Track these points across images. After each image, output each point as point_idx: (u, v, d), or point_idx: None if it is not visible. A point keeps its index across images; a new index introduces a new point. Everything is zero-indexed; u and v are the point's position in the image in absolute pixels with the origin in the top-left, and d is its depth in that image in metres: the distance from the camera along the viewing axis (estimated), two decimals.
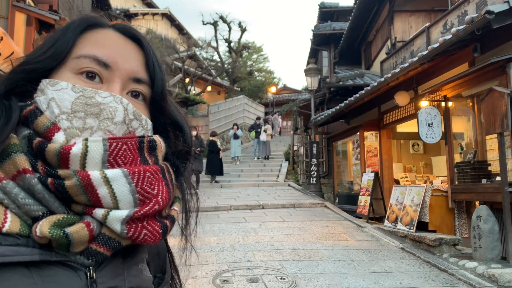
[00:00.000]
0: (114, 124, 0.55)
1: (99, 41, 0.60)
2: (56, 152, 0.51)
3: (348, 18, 13.81)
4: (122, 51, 0.61)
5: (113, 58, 0.59)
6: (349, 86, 11.44)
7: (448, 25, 7.27)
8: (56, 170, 0.51)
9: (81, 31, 0.61)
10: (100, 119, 0.54)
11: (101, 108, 0.55)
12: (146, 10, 24.53)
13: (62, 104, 0.54)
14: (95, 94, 0.55)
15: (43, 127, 0.53)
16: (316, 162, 11.52)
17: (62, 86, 0.55)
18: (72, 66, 0.58)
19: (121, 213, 0.52)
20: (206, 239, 5.85)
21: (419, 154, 9.47)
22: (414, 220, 6.15)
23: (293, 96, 30.75)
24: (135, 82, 0.61)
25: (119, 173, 0.52)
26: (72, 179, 0.50)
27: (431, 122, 6.34)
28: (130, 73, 0.60)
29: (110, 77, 0.58)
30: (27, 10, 7.73)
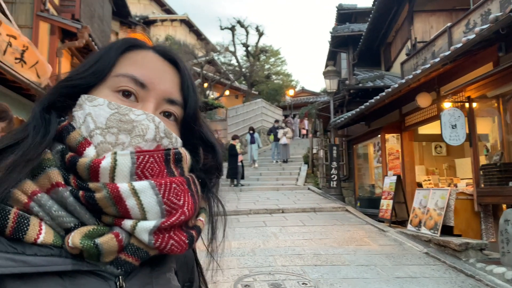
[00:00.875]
0: (145, 141, 0.57)
1: (138, 62, 0.63)
2: (86, 166, 0.53)
3: (366, 19, 13.67)
4: (159, 72, 0.63)
5: (150, 79, 0.61)
6: (368, 88, 11.30)
7: (471, 24, 7.11)
8: (87, 183, 0.53)
9: (122, 51, 0.63)
10: (132, 136, 0.56)
11: (134, 125, 0.57)
12: (165, 16, 24.92)
13: (97, 120, 0.56)
14: (129, 111, 0.58)
15: (75, 142, 0.55)
16: (336, 165, 11.42)
17: (99, 102, 0.58)
18: (111, 84, 0.60)
19: (149, 223, 0.53)
20: (226, 244, 5.81)
21: (442, 157, 9.28)
22: (438, 224, 6.01)
23: (312, 98, 30.58)
24: (168, 103, 0.63)
25: (146, 185, 0.54)
26: (102, 192, 0.52)
27: (455, 123, 6.19)
28: (164, 94, 0.63)
29: (145, 97, 0.61)
30: (51, 20, 7.94)
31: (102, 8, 12.24)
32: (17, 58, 4.94)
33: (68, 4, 9.42)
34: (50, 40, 8.04)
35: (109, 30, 13.98)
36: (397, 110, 8.97)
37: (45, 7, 7.99)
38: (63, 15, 8.93)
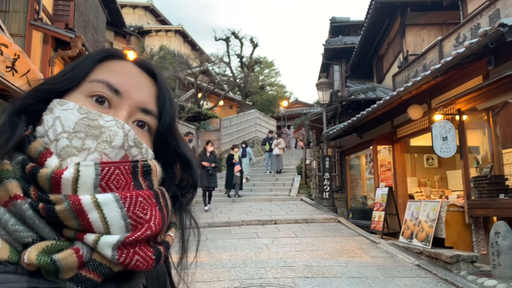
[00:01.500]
0: (111, 147, 0.55)
1: (115, 70, 0.63)
2: (48, 176, 0.51)
3: (359, 32, 13.84)
4: (135, 81, 0.63)
5: (125, 86, 0.61)
6: (361, 99, 11.39)
7: (461, 38, 7.23)
8: (47, 195, 0.51)
9: (100, 59, 0.64)
10: (98, 141, 0.55)
11: (102, 131, 0.55)
12: (160, 27, 25.01)
13: (65, 123, 0.55)
14: (98, 117, 0.56)
15: (36, 152, 0.54)
16: (329, 176, 11.43)
17: (70, 106, 0.57)
18: (85, 89, 0.60)
19: (112, 238, 0.51)
20: (217, 255, 5.80)
21: (433, 168, 9.33)
22: (430, 236, 6.01)
23: (305, 109, 30.74)
24: (142, 112, 0.62)
25: (110, 198, 0.52)
26: (63, 204, 0.50)
27: (446, 135, 6.24)
28: (139, 103, 0.62)
29: (119, 104, 0.60)
30: (44, 29, 7.93)
31: (96, 18, 12.26)
32: (8, 67, 4.91)
33: (62, 13, 9.43)
34: (43, 49, 8.03)
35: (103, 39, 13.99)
36: (389, 122, 9.04)
37: (38, 16, 7.99)
38: (56, 24, 8.93)
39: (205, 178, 9.57)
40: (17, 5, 7.96)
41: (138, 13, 24.67)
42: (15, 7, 7.90)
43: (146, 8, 25.13)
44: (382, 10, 11.07)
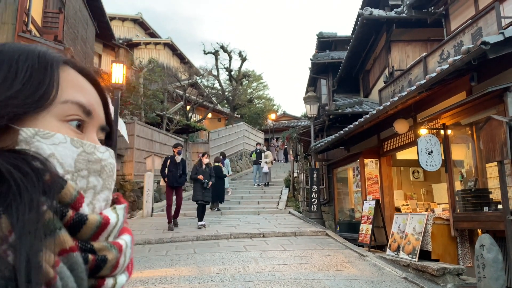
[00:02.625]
0: (113, 181, 0.52)
1: (77, 84, 0.54)
2: (97, 224, 0.46)
3: (346, 47, 14.10)
4: (95, 97, 0.57)
5: (93, 105, 0.54)
6: (348, 113, 11.55)
7: (445, 54, 7.43)
8: (90, 244, 0.46)
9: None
10: (103, 178, 0.51)
11: (102, 165, 0.51)
12: (149, 39, 25.09)
13: (64, 162, 0.47)
14: (94, 149, 0.51)
15: (71, 197, 0.46)
16: (316, 189, 11.48)
17: (60, 139, 0.48)
18: (57, 112, 0.50)
19: (123, 278, 0.50)
20: (206, 269, 5.76)
21: (419, 182, 9.46)
22: (416, 249, 6.08)
23: (293, 122, 30.98)
24: (101, 130, 0.57)
25: (130, 240, 0.52)
26: (112, 252, 0.47)
27: (431, 149, 6.37)
28: (101, 121, 0.57)
29: (88, 126, 0.54)
30: (32, 41, 7.90)
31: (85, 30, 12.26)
32: None
33: (51, 25, 9.43)
34: None
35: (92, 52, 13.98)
36: (375, 135, 9.17)
37: (27, 28, 7.97)
38: (45, 37, 8.91)
39: (199, 191, 9.10)
40: (5, 17, 7.94)
41: (127, 26, 24.72)
42: (3, 18, 7.88)
43: (135, 21, 25.22)
44: (368, 26, 11.33)
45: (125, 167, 14.34)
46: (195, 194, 9.18)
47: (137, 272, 5.64)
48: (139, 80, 18.14)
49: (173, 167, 8.79)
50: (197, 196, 9.11)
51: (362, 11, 11.14)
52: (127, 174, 14.22)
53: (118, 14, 24.44)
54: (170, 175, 8.78)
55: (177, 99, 21.92)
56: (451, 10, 9.11)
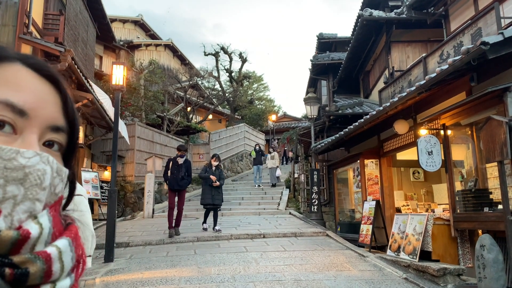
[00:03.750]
0: (43, 190, 0.46)
1: (11, 81, 0.49)
2: (13, 240, 0.42)
3: (346, 48, 14.11)
4: (39, 93, 0.51)
5: (30, 104, 0.48)
6: (348, 114, 11.56)
7: (445, 55, 7.44)
8: (9, 259, 0.42)
9: None
10: (26, 187, 0.45)
11: (26, 172, 0.45)
12: (149, 41, 25.13)
13: None
14: (16, 154, 0.45)
15: None
16: (317, 190, 11.48)
17: None
18: None
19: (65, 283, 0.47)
20: (206, 269, 5.77)
21: (419, 182, 9.46)
22: (417, 249, 6.08)
23: (293, 123, 31.02)
24: (53, 131, 0.52)
25: (67, 243, 0.48)
26: (36, 264, 0.44)
27: (431, 150, 6.37)
28: (49, 121, 0.51)
29: (25, 127, 0.48)
30: (33, 42, 7.93)
31: (86, 32, 12.29)
32: None
33: (52, 27, 9.46)
34: None
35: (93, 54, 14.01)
36: (375, 136, 9.18)
37: (28, 30, 8.00)
38: (46, 38, 8.94)
39: (208, 194, 8.60)
40: (6, 19, 7.96)
41: (128, 28, 24.76)
42: (4, 20, 7.90)
43: (136, 23, 25.26)
44: (368, 27, 11.34)
45: (126, 168, 14.36)
46: (204, 197, 8.70)
47: (138, 273, 5.65)
48: (140, 82, 18.18)
49: (175, 170, 8.34)
50: (206, 199, 8.64)
51: (362, 12, 11.16)
52: (128, 176, 14.25)
53: (119, 16, 24.48)
54: (171, 178, 8.35)
55: (177, 100, 21.95)
56: (450, 10, 9.13)
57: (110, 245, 6.51)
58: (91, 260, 2.67)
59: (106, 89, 13.56)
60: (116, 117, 7.49)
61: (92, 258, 3.06)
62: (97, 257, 6.64)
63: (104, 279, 5.37)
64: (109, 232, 6.61)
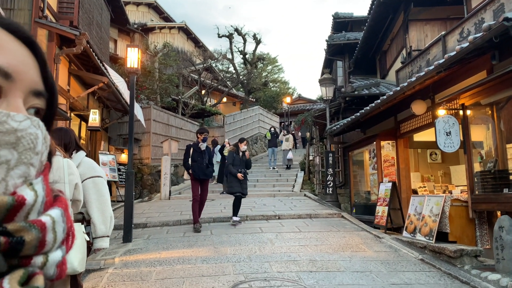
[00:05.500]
0: (36, 154, 0.46)
1: None
2: (8, 205, 0.42)
3: (362, 28, 13.82)
4: (20, 56, 0.49)
5: (14, 66, 0.47)
6: (364, 95, 11.40)
7: (465, 33, 7.21)
8: (3, 226, 0.41)
9: None
10: (19, 151, 0.44)
11: (18, 136, 0.44)
12: (163, 24, 25.04)
13: None
14: (7, 118, 0.44)
15: None
16: (332, 172, 11.45)
17: None
18: None
19: (57, 255, 0.47)
20: (222, 249, 5.86)
21: (437, 164, 9.34)
22: (433, 230, 6.04)
23: (308, 106, 30.78)
24: (35, 95, 0.50)
25: (59, 213, 0.47)
26: (31, 232, 0.43)
27: (449, 131, 6.25)
28: (31, 85, 0.49)
29: (10, 91, 0.46)
30: (49, 26, 7.98)
31: (100, 16, 12.30)
32: None
33: (67, 11, 9.49)
34: (48, 46, 8.08)
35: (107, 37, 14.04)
36: (392, 117, 9.04)
37: (43, 14, 8.04)
38: (61, 22, 8.98)
39: (237, 182, 7.77)
40: (21, 3, 8.01)
41: (142, 10, 24.70)
42: (20, 5, 7.95)
43: (150, 5, 25.17)
44: (385, 6, 11.05)
45: (142, 151, 14.55)
46: (233, 185, 7.82)
47: (156, 253, 5.77)
48: (154, 65, 18.22)
49: (198, 157, 7.39)
50: (235, 187, 7.78)
51: None
52: (145, 158, 14.44)
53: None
54: (196, 166, 7.34)
55: (192, 83, 21.96)
56: None
57: (128, 226, 6.65)
58: (109, 240, 2.72)
59: (121, 72, 13.64)
60: (131, 100, 7.54)
61: (111, 239, 3.12)
62: (115, 238, 6.80)
63: (123, 258, 5.51)
64: (127, 213, 6.75)
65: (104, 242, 2.65)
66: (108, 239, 2.69)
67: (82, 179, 2.55)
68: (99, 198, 2.63)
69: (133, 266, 5.10)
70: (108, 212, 2.68)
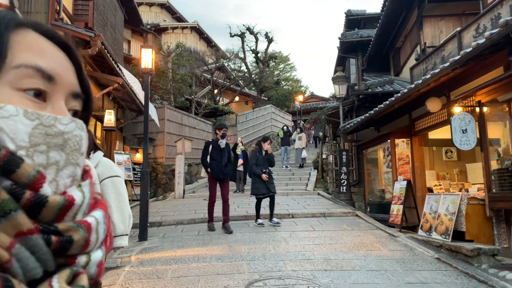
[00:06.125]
0: (81, 155, 0.48)
1: (35, 47, 0.48)
2: (60, 205, 0.44)
3: (375, 25, 13.70)
4: (60, 60, 0.51)
5: (56, 70, 0.49)
6: (378, 93, 11.30)
7: (481, 28, 7.10)
8: (54, 226, 0.43)
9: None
10: (66, 152, 0.46)
11: (65, 138, 0.46)
12: (176, 24, 25.20)
13: (16, 137, 0.43)
14: (54, 121, 0.46)
15: (29, 177, 0.42)
16: (346, 170, 11.40)
17: (10, 112, 0.43)
18: (10, 79, 0.45)
19: (98, 255, 0.49)
20: (237, 248, 5.89)
21: (452, 161, 9.22)
22: (449, 229, 5.97)
23: (321, 104, 30.64)
24: (73, 97, 0.52)
25: (102, 215, 0.49)
26: (79, 232, 0.45)
27: (465, 128, 6.17)
28: (71, 88, 0.52)
29: (53, 94, 0.49)
30: (65, 28, 8.11)
31: (114, 17, 12.45)
32: None
33: (82, 13, 9.63)
34: None
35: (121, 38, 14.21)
36: (406, 115, 8.96)
37: (59, 16, 8.18)
38: (76, 24, 9.13)
39: (262, 183, 7.43)
40: (38, 6, 8.17)
41: (155, 11, 24.90)
42: (36, 8, 8.11)
43: (162, 6, 25.35)
44: (398, 2, 10.93)
45: (156, 150, 14.69)
46: (258, 187, 7.48)
47: (171, 251, 5.84)
48: (168, 65, 18.36)
49: (217, 155, 7.11)
50: (261, 189, 7.43)
51: None
52: (159, 157, 14.58)
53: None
54: (214, 164, 7.08)
55: (204, 83, 22.07)
56: None
57: (143, 225, 6.74)
58: (128, 238, 2.77)
59: (135, 73, 13.79)
60: (146, 100, 7.63)
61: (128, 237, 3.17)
62: (131, 236, 6.89)
63: (139, 256, 5.59)
64: (143, 212, 6.83)
65: (123, 241, 2.70)
66: (127, 238, 2.74)
67: (101, 179, 2.60)
68: (118, 197, 2.68)
69: (149, 264, 5.18)
70: (127, 211, 2.73)
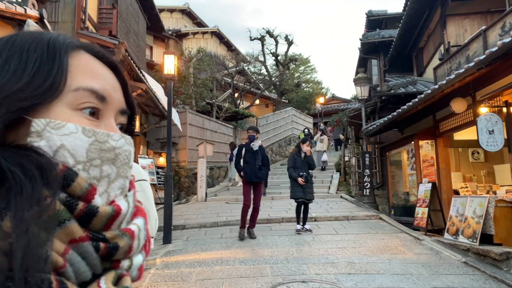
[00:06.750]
0: (130, 168, 0.52)
1: (88, 69, 0.53)
2: (109, 215, 0.48)
3: (397, 25, 13.52)
4: (110, 80, 0.55)
5: (107, 90, 0.53)
6: (401, 94, 11.15)
7: (507, 26, 6.93)
8: (102, 234, 0.47)
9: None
10: (117, 166, 0.51)
11: (116, 153, 0.51)
12: (196, 29, 25.51)
13: (76, 153, 0.47)
14: (107, 137, 0.50)
15: (82, 190, 0.46)
16: (369, 173, 11.27)
17: (71, 129, 0.47)
18: (70, 100, 0.49)
19: (139, 259, 0.52)
20: (260, 251, 5.92)
21: (479, 163, 9.00)
22: (477, 232, 5.83)
23: (342, 105, 30.38)
24: (121, 114, 0.57)
25: (142, 223, 0.53)
26: (124, 240, 0.49)
27: (492, 129, 6.02)
28: (119, 106, 0.56)
29: (105, 112, 0.53)
30: (90, 37, 8.35)
31: (137, 24, 12.73)
32: None
33: (106, 21, 9.90)
34: None
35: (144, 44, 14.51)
36: (430, 116, 8.80)
37: (84, 25, 8.44)
38: (101, 32, 9.39)
39: (299, 187, 7.24)
40: (65, 16, 8.45)
41: (176, 17, 25.29)
42: (63, 17, 8.39)
43: (183, 12, 25.71)
44: (421, 1, 10.77)
45: (179, 154, 14.89)
46: (294, 191, 7.34)
47: (195, 254, 5.91)
48: (189, 70, 18.59)
49: (250, 158, 6.92)
50: (297, 193, 7.27)
51: None
52: (181, 161, 14.77)
53: (167, 6, 25.03)
54: (248, 168, 6.88)
55: (225, 87, 22.23)
56: None
57: (168, 228, 6.85)
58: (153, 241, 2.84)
59: (157, 78, 14.03)
60: (169, 106, 7.76)
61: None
62: (156, 239, 7.01)
63: (164, 259, 5.68)
64: (167, 215, 6.95)
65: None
66: (153, 240, 2.81)
67: None
68: (145, 201, 2.75)
69: (174, 267, 5.26)
70: (153, 214, 2.79)
